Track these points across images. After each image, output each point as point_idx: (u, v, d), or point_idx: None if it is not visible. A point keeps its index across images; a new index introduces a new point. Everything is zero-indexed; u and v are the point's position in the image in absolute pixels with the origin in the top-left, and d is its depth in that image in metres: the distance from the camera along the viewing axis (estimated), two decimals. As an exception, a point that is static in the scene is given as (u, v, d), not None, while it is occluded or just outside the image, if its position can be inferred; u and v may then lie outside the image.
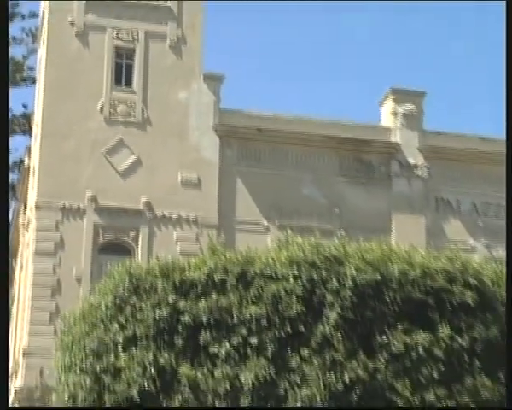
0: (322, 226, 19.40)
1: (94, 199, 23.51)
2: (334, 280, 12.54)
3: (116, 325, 12.85)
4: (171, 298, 12.70)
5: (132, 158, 24.10)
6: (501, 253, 19.60)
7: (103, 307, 13.19)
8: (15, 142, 44.34)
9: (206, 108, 24.66)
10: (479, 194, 23.08)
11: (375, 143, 25.34)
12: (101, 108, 24.51)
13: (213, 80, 25.29)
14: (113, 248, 23.26)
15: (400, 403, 12.42)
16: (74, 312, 14.30)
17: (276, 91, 59.29)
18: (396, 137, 25.16)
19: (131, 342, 12.79)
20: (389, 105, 25.52)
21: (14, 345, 26.74)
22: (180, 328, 12.63)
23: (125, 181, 23.77)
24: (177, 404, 12.55)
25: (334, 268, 12.81)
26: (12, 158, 32.55)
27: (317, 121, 25.40)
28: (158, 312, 12.65)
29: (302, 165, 24.61)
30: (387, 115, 25.81)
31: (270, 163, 24.43)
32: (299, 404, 12.32)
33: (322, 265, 12.83)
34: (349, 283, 12.47)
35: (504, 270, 13.38)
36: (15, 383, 24.52)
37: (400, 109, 24.96)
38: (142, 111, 24.53)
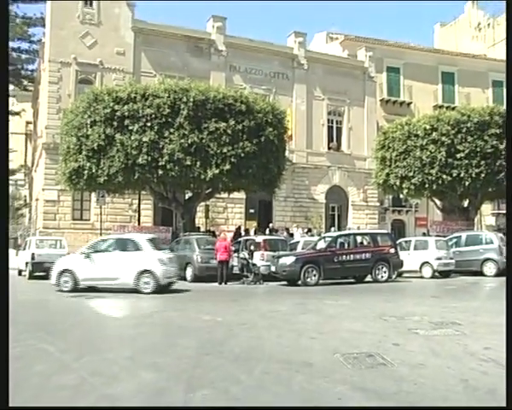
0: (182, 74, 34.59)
1: (75, 58, 36.55)
2: (184, 97, 27.57)
3: (86, 116, 27.44)
4: (111, 104, 27.33)
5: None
6: (251, 89, 36.79)
7: (81, 108, 27.67)
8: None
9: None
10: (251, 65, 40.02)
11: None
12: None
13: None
14: (84, 81, 36.60)
15: (216, 151, 28.00)
16: (67, 109, 29.15)
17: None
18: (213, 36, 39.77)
19: (93, 123, 27.37)
20: None
21: None
22: (115, 117, 27.25)
23: (90, 50, 36.94)
24: (114, 151, 27.44)
25: (185, 93, 27.72)
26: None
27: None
28: (105, 110, 27.35)
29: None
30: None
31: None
32: (169, 152, 27.57)
33: (179, 91, 27.81)
34: (191, 100, 27.47)
35: (259, 97, 29.64)
36: None
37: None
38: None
